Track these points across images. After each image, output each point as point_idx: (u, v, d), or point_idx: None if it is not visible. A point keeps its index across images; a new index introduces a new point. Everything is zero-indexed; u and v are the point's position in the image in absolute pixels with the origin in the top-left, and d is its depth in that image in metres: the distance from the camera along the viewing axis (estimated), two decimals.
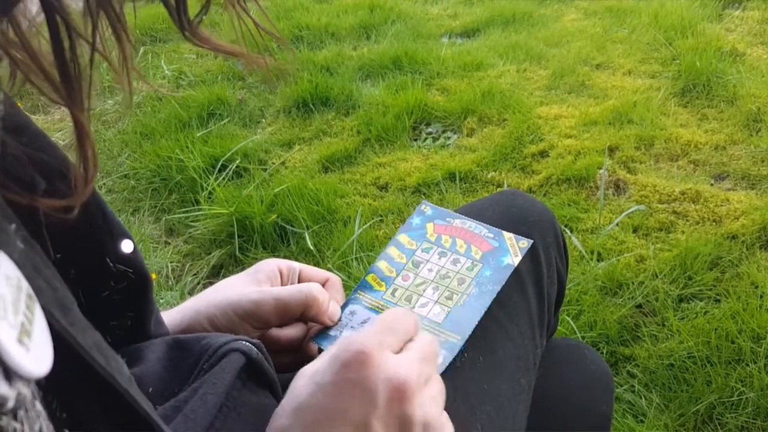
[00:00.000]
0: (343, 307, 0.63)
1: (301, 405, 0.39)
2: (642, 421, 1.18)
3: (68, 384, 0.28)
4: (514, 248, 0.64)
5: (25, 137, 0.37)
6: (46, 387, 0.27)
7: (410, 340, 0.44)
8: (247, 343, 0.50)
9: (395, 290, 0.65)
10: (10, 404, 0.24)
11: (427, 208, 0.71)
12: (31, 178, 0.33)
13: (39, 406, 0.26)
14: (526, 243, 0.65)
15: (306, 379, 0.42)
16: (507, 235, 0.65)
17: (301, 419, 0.39)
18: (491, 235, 0.66)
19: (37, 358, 0.25)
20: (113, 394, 0.32)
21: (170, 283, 1.63)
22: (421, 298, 0.63)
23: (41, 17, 0.32)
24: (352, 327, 0.62)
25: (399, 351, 0.42)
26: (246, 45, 0.41)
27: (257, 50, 0.42)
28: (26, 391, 0.25)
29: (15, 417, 0.24)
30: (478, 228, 0.67)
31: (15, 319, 0.24)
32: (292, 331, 0.61)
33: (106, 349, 0.32)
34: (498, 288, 0.61)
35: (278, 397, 0.52)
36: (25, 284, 0.26)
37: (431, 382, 0.42)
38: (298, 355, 0.62)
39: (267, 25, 0.42)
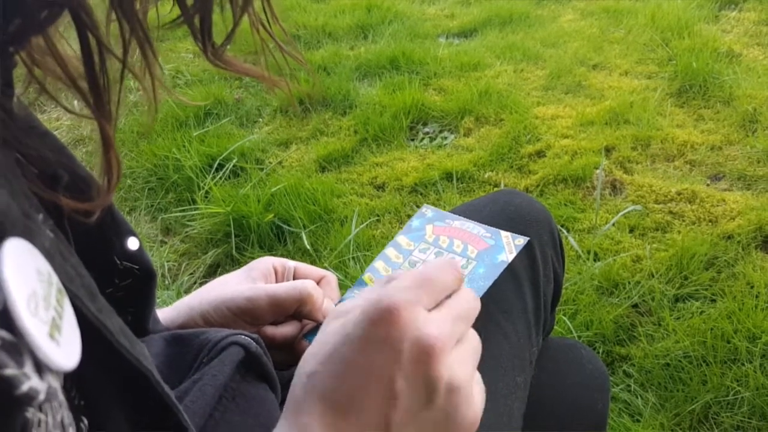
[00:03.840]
0: (337, 305, 0.63)
1: (330, 354, 0.38)
2: (638, 421, 1.18)
3: (88, 371, 0.28)
4: (509, 246, 0.64)
5: (46, 141, 0.38)
6: (66, 375, 0.28)
7: (449, 296, 0.41)
8: (246, 337, 0.50)
9: None
10: (41, 397, 0.24)
11: (428, 210, 0.71)
12: (53, 171, 0.34)
13: (61, 396, 0.26)
14: (522, 240, 0.64)
15: (337, 325, 0.40)
16: (504, 233, 0.65)
17: (328, 368, 0.38)
18: (488, 235, 0.66)
19: (66, 351, 0.26)
20: (134, 380, 0.33)
21: (167, 282, 1.63)
22: None
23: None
24: None
25: (434, 306, 0.40)
26: (269, 68, 0.41)
27: (280, 73, 0.42)
28: (56, 384, 0.26)
29: (40, 408, 0.24)
30: (476, 228, 0.67)
31: (46, 315, 0.25)
32: (287, 329, 0.61)
33: (129, 334, 0.33)
34: (489, 284, 0.61)
35: (276, 391, 0.53)
36: (55, 279, 0.27)
37: (464, 342, 0.40)
38: (293, 352, 0.62)
39: (291, 49, 0.42)
